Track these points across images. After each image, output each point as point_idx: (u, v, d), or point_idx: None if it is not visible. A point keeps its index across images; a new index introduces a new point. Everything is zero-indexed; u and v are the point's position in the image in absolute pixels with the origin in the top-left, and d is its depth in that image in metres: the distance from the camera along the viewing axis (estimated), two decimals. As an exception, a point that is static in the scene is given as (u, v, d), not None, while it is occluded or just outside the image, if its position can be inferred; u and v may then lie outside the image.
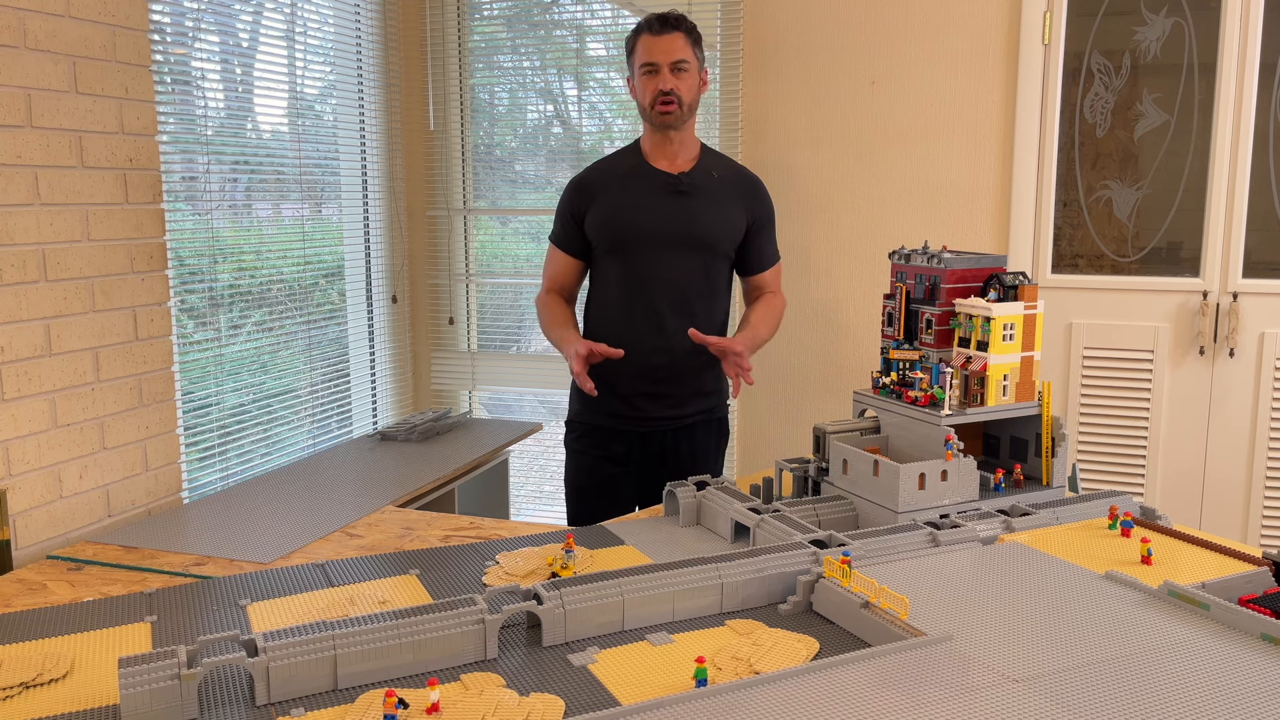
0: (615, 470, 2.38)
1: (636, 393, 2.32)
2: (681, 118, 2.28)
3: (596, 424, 2.37)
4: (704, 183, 2.33)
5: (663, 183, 2.31)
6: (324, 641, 1.19)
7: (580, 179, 2.39)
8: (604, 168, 2.40)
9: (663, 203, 2.30)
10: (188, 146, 2.59)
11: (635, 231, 2.29)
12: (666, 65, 2.23)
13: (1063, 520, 1.70)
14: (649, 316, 2.30)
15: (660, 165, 2.33)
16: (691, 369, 2.32)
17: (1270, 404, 2.89)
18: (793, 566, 1.44)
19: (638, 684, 1.20)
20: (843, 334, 3.23)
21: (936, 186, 3.08)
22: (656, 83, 2.24)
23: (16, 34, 1.92)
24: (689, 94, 2.28)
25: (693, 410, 2.36)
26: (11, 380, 1.93)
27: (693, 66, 2.28)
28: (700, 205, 2.31)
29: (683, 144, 2.34)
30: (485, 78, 3.53)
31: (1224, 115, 2.86)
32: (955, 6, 3.00)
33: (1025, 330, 1.77)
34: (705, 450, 2.41)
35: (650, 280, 2.29)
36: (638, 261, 2.30)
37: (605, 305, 2.36)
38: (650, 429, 2.34)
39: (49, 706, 1.19)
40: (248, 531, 1.95)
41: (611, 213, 2.31)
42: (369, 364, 3.43)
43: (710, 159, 2.39)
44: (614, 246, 2.32)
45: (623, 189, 2.33)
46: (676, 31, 2.25)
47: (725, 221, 2.33)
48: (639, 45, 2.27)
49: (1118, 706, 1.08)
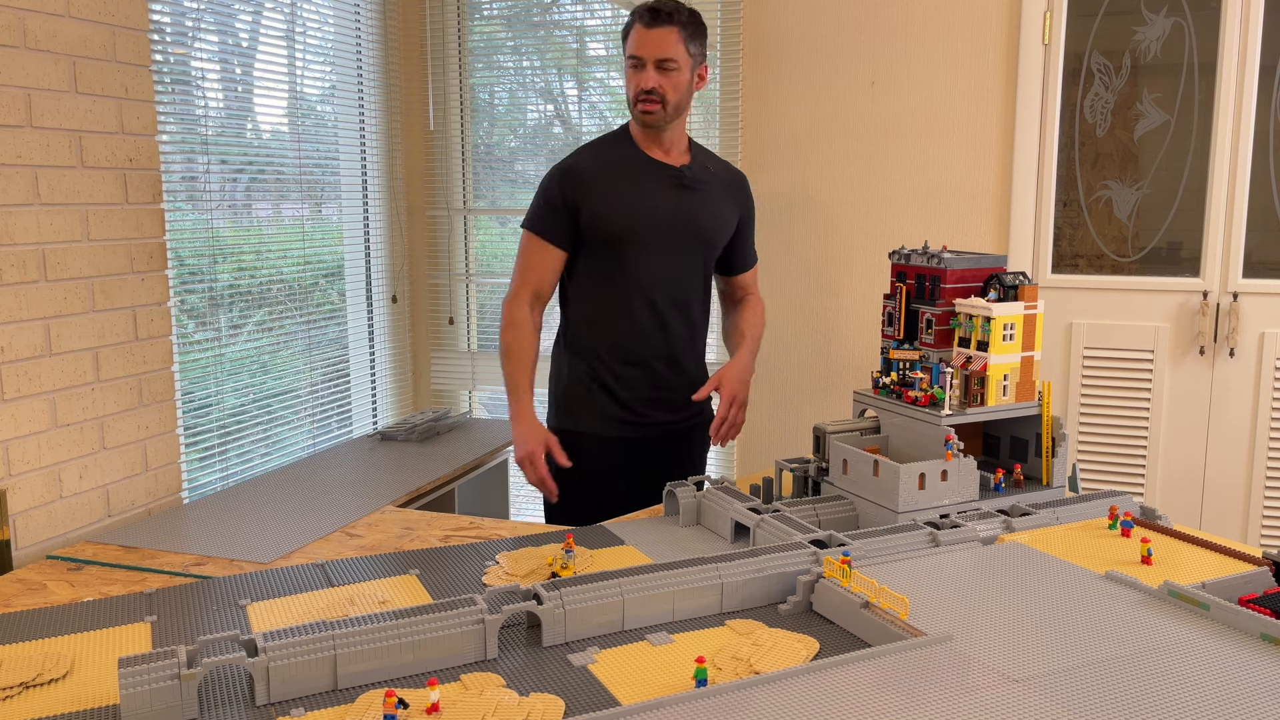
0: (613, 479, 2.25)
1: (640, 398, 2.23)
2: (665, 119, 2.16)
3: (592, 433, 2.23)
4: (704, 177, 2.25)
5: (668, 176, 2.21)
6: (324, 641, 1.19)
7: (572, 166, 2.22)
8: (595, 155, 2.24)
9: (670, 197, 2.20)
10: (188, 146, 2.59)
11: (641, 225, 2.17)
12: (651, 61, 2.11)
13: (1063, 520, 1.70)
14: (652, 317, 2.21)
15: (657, 157, 2.22)
16: (691, 372, 2.29)
17: (1270, 404, 2.89)
18: (793, 566, 1.44)
19: (638, 684, 1.20)
20: (843, 334, 3.23)
21: (936, 186, 3.08)
22: (640, 79, 2.12)
23: (16, 34, 1.92)
24: (675, 93, 2.14)
25: (691, 413, 2.29)
26: (11, 380, 1.93)
27: (683, 65, 2.13)
28: (703, 201, 2.24)
29: (674, 140, 2.23)
30: (485, 78, 3.53)
31: (1224, 115, 2.86)
32: (955, 6, 3.00)
33: (1025, 330, 1.77)
34: (702, 450, 2.39)
35: (653, 279, 2.20)
36: (641, 259, 2.18)
37: (600, 306, 2.22)
38: (650, 434, 2.26)
39: (49, 706, 1.19)
40: (248, 531, 1.95)
41: (617, 206, 2.17)
42: (369, 364, 3.43)
43: (700, 153, 2.30)
44: (615, 242, 2.18)
45: (626, 181, 2.19)
46: (668, 26, 2.10)
47: (723, 218, 2.27)
48: (630, 34, 2.14)
49: (1118, 706, 1.08)
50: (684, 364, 2.27)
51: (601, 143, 2.28)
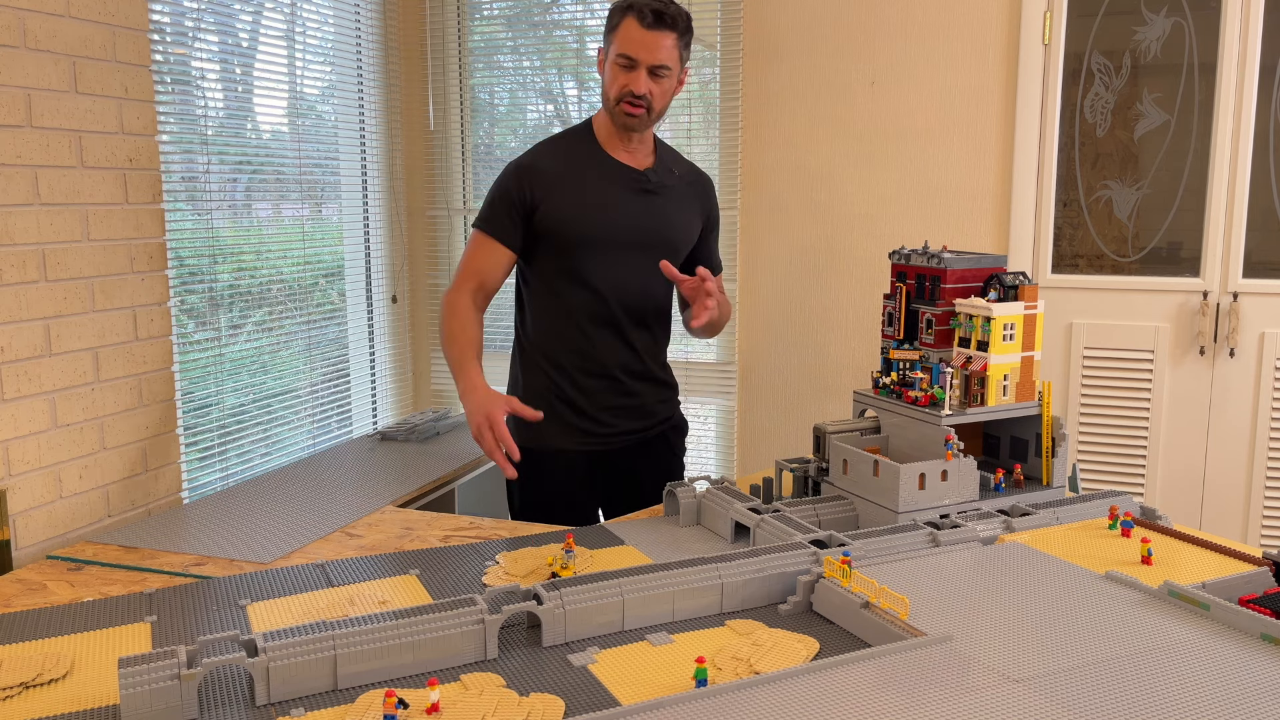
0: (582, 496, 2.19)
1: (603, 408, 2.14)
2: (647, 124, 2.07)
3: (556, 449, 2.14)
4: (669, 181, 2.15)
5: (631, 179, 2.11)
6: (324, 641, 1.19)
7: (529, 164, 2.11)
8: (556, 154, 2.13)
9: (632, 202, 2.10)
10: (188, 146, 2.59)
11: (602, 232, 2.07)
12: (645, 66, 2.01)
13: (1063, 520, 1.70)
14: (612, 325, 2.12)
15: (621, 158, 2.12)
16: (656, 378, 2.21)
17: (1270, 404, 2.89)
18: (793, 566, 1.44)
19: (638, 684, 1.20)
20: (843, 334, 3.23)
21: (936, 186, 3.08)
22: (629, 81, 2.02)
23: (16, 34, 1.92)
24: (662, 100, 2.06)
25: (659, 419, 2.23)
26: (11, 380, 1.93)
27: (674, 71, 2.05)
28: (667, 206, 2.14)
29: (642, 140, 2.13)
30: (485, 78, 3.53)
31: (1224, 115, 2.86)
32: (955, 6, 3.00)
33: (1025, 330, 1.77)
34: (677, 455, 2.31)
35: (612, 286, 2.09)
36: (600, 265, 2.08)
37: (558, 314, 2.12)
38: (618, 445, 2.18)
39: (49, 706, 1.19)
40: (248, 531, 1.95)
41: (575, 209, 2.07)
42: (369, 364, 3.43)
43: (666, 154, 2.20)
44: (571, 246, 2.08)
45: (586, 182, 2.08)
46: (669, 31, 2.00)
47: (687, 224, 2.18)
48: (623, 28, 2.01)
49: (1118, 706, 1.08)
50: (647, 372, 2.19)
51: (562, 139, 2.17)
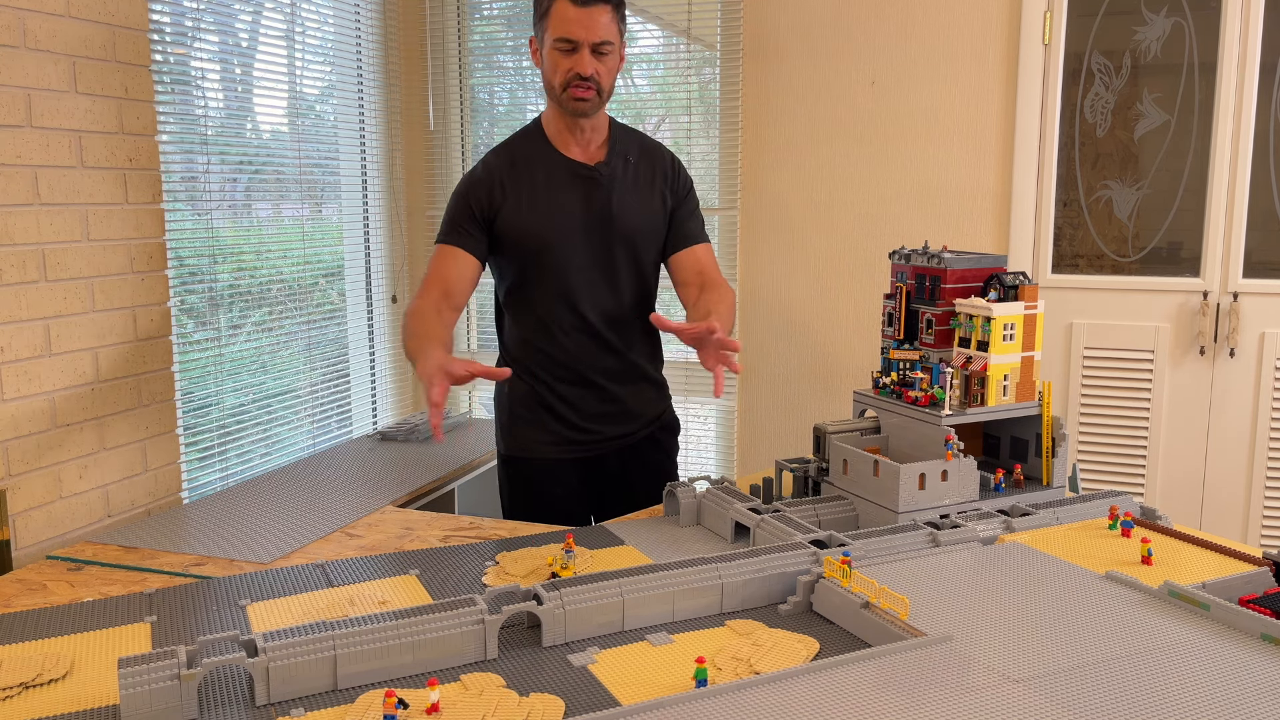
0: (573, 504, 2.15)
1: (588, 414, 2.11)
2: (598, 106, 1.99)
3: (543, 458, 2.12)
4: (621, 171, 2.06)
5: (583, 177, 2.04)
6: (324, 642, 1.19)
7: (481, 175, 2.05)
8: (506, 160, 2.06)
9: (587, 200, 2.03)
10: (188, 146, 2.59)
11: (560, 236, 2.02)
12: (588, 45, 1.91)
13: (1063, 520, 1.70)
14: (584, 329, 2.07)
15: (572, 153, 2.04)
16: (639, 379, 2.16)
17: (1270, 404, 2.89)
18: (793, 566, 1.44)
19: (638, 684, 1.20)
20: (843, 334, 3.23)
21: (936, 186, 3.08)
22: (573, 64, 1.92)
23: (16, 34, 1.92)
24: (609, 79, 1.97)
25: (648, 420, 2.18)
26: (11, 380, 1.93)
27: (616, 46, 1.95)
28: (625, 197, 2.06)
29: (594, 128, 2.04)
30: (485, 78, 3.53)
31: (1224, 115, 2.86)
32: (955, 6, 3.00)
33: (1025, 330, 1.77)
34: (669, 457, 2.26)
35: (577, 288, 2.04)
36: (565, 270, 2.03)
37: (531, 322, 2.08)
38: (605, 450, 2.14)
39: (49, 706, 1.19)
40: (247, 532, 1.95)
41: (529, 216, 2.02)
42: (369, 364, 3.43)
43: (621, 139, 2.09)
44: (532, 253, 2.03)
45: (538, 186, 2.02)
46: (604, 5, 1.90)
47: (649, 213, 2.09)
48: (555, 10, 1.91)
49: (1118, 706, 1.08)
50: (629, 373, 2.14)
51: (510, 144, 2.10)
